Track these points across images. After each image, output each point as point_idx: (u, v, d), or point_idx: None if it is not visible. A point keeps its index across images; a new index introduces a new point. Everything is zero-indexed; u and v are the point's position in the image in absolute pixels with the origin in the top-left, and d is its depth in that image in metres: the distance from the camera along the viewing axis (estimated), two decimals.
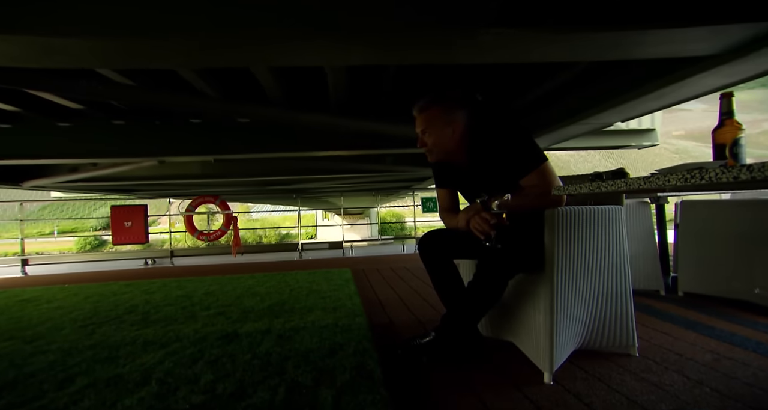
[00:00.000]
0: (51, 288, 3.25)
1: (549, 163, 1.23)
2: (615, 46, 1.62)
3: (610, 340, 1.27)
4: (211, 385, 1.16)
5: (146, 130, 3.35)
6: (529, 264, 1.21)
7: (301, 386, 1.13)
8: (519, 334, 1.29)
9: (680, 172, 0.70)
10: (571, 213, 1.17)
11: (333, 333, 1.60)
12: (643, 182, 0.78)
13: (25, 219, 5.71)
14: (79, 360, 1.43)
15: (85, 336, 1.73)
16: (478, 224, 1.19)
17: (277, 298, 2.38)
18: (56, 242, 35.90)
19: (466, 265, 1.51)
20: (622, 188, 0.84)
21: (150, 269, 5.04)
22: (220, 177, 5.02)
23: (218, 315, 2.01)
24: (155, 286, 3.09)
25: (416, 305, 2.12)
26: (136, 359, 1.41)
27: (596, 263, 1.23)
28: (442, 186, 1.48)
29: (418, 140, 1.35)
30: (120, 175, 4.53)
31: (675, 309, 1.85)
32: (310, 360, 1.32)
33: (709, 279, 1.98)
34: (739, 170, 0.59)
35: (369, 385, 1.10)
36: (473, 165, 1.34)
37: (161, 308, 2.25)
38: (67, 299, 2.66)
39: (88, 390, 1.16)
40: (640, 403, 0.99)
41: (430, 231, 1.41)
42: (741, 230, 1.88)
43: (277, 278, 3.24)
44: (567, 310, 1.17)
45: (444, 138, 1.30)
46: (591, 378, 1.14)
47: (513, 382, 1.13)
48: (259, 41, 1.43)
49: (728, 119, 0.94)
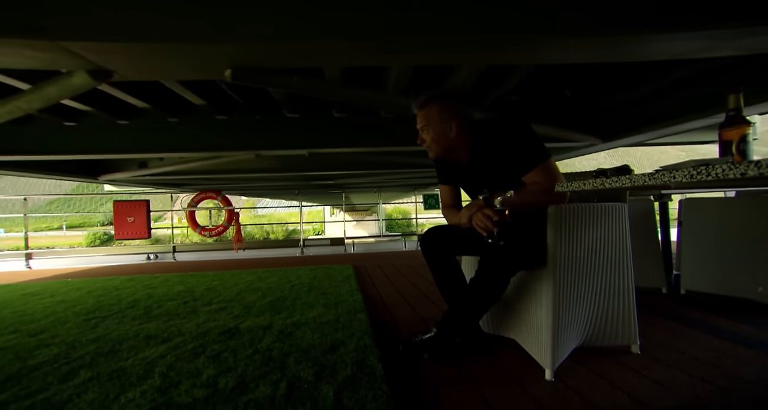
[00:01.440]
0: (54, 282, 3.27)
1: (552, 160, 1.22)
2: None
3: (612, 337, 1.27)
4: (213, 379, 1.16)
5: (248, 124, 3.47)
6: (531, 261, 1.20)
7: (302, 381, 1.13)
8: (521, 331, 1.29)
9: (686, 168, 0.69)
10: (574, 210, 1.16)
11: (334, 329, 1.60)
12: (647, 179, 0.77)
13: (29, 214, 5.74)
14: (82, 353, 1.44)
15: (88, 330, 1.75)
16: (481, 221, 1.18)
17: (279, 294, 2.39)
18: (66, 237, 36.30)
19: (468, 262, 1.50)
20: (626, 185, 0.83)
21: (152, 264, 5.06)
22: (267, 172, 5.02)
23: (220, 310, 2.02)
24: (157, 281, 3.10)
25: (418, 302, 2.12)
26: (138, 353, 1.42)
27: (599, 261, 1.23)
28: (444, 183, 1.48)
29: (418, 137, 1.36)
30: (181, 170, 4.62)
31: (677, 306, 1.85)
32: (311, 355, 1.33)
33: (712, 277, 1.97)
34: (746, 166, 0.58)
35: (370, 381, 1.10)
36: (476, 162, 1.34)
37: (163, 303, 2.26)
38: (70, 294, 2.68)
39: (91, 383, 1.17)
40: (641, 400, 0.99)
41: (432, 227, 1.40)
42: (744, 228, 1.86)
43: (279, 274, 3.25)
44: (569, 307, 1.16)
45: (442, 135, 1.31)
46: (592, 375, 1.13)
47: (514, 379, 1.13)
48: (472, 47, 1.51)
49: (735, 116, 0.93)
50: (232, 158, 4.18)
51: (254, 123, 3.47)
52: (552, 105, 3.41)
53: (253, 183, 6.51)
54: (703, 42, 1.52)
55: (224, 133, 3.46)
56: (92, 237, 30.67)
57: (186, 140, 3.41)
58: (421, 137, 1.36)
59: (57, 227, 53.85)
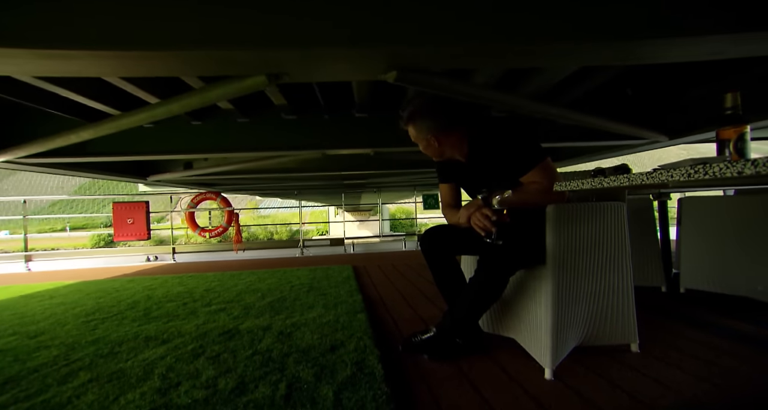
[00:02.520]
0: (54, 284, 3.26)
1: (550, 160, 1.22)
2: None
3: (611, 336, 1.27)
4: (213, 381, 1.16)
5: (318, 123, 3.50)
6: (530, 260, 1.20)
7: (301, 382, 1.13)
8: (520, 330, 1.29)
9: (683, 167, 0.69)
10: (573, 209, 1.17)
11: (334, 330, 1.60)
12: (645, 178, 0.77)
13: (29, 216, 5.73)
14: (81, 355, 1.44)
15: (87, 332, 1.74)
16: (479, 220, 1.19)
17: (278, 295, 2.39)
18: (70, 238, 36.29)
19: (467, 261, 1.50)
20: (624, 184, 0.83)
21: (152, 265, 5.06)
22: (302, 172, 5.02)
23: (219, 311, 2.02)
24: (157, 282, 3.10)
25: (417, 302, 2.12)
26: (138, 354, 1.42)
27: (597, 260, 1.23)
28: (444, 181, 1.48)
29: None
30: (226, 171, 4.67)
31: (677, 305, 1.85)
32: (310, 356, 1.33)
33: (711, 276, 1.97)
34: (743, 164, 0.58)
35: (370, 381, 1.10)
36: (475, 161, 1.34)
37: (163, 304, 2.26)
38: (70, 295, 2.67)
39: (91, 385, 1.17)
40: (640, 399, 0.99)
41: (431, 227, 1.41)
42: (743, 226, 1.86)
43: (278, 274, 3.25)
44: (568, 306, 1.16)
45: (428, 147, 1.35)
46: (592, 374, 1.13)
47: (514, 378, 1.13)
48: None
49: (733, 115, 0.93)
50: (280, 159, 4.17)
51: (323, 122, 3.51)
52: (619, 102, 3.42)
53: (292, 183, 6.48)
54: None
55: (296, 132, 3.50)
56: (96, 239, 30.72)
57: (261, 140, 3.45)
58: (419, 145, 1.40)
59: (60, 228, 53.95)
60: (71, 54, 1.20)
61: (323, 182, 6.67)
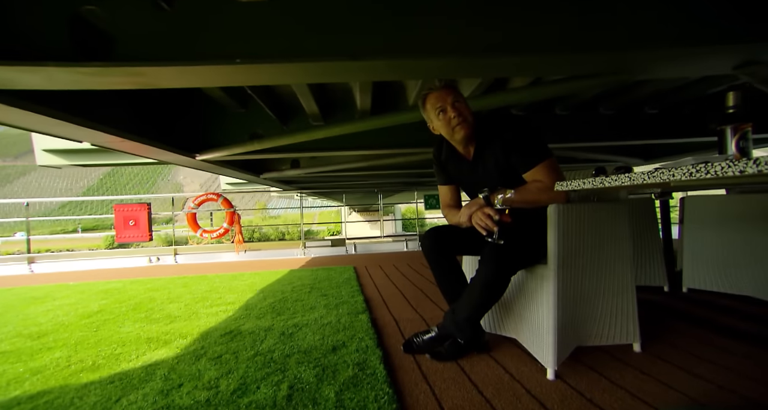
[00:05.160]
0: (57, 286, 3.28)
1: (554, 159, 1.22)
2: None
3: (613, 336, 1.26)
4: (215, 381, 1.17)
5: None
6: (531, 260, 1.20)
7: (303, 382, 1.13)
8: (522, 330, 1.29)
9: (685, 166, 0.68)
10: (575, 209, 1.16)
11: (335, 330, 1.60)
12: (647, 178, 0.77)
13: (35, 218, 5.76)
14: (84, 356, 1.45)
15: (90, 333, 1.75)
16: (481, 220, 1.18)
17: (280, 295, 2.39)
18: (83, 239, 36.45)
19: (468, 261, 1.50)
20: (625, 184, 0.82)
21: (154, 266, 5.07)
22: (409, 168, 4.93)
23: (221, 312, 2.02)
24: (159, 283, 3.11)
25: (419, 302, 2.12)
26: (140, 355, 1.42)
27: (599, 259, 1.22)
28: (444, 183, 1.48)
29: (444, 115, 1.29)
30: (331, 170, 4.56)
31: (679, 304, 1.84)
32: (312, 356, 1.33)
33: (714, 275, 1.96)
34: (745, 163, 0.58)
35: (371, 382, 1.10)
36: (479, 157, 1.33)
37: (165, 305, 2.26)
38: (73, 297, 2.68)
39: (93, 386, 1.18)
40: (642, 399, 0.98)
41: (433, 227, 1.40)
42: (745, 225, 1.86)
43: (280, 275, 3.25)
44: (570, 306, 1.16)
45: (470, 114, 1.29)
46: (594, 374, 1.13)
47: (516, 378, 1.13)
48: None
49: (736, 114, 0.93)
50: (391, 159, 4.11)
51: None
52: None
53: (375, 180, 6.36)
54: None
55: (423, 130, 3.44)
56: (110, 240, 30.82)
57: (396, 138, 3.25)
58: (455, 109, 1.27)
59: (72, 229, 54.34)
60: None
61: (401, 179, 6.52)
